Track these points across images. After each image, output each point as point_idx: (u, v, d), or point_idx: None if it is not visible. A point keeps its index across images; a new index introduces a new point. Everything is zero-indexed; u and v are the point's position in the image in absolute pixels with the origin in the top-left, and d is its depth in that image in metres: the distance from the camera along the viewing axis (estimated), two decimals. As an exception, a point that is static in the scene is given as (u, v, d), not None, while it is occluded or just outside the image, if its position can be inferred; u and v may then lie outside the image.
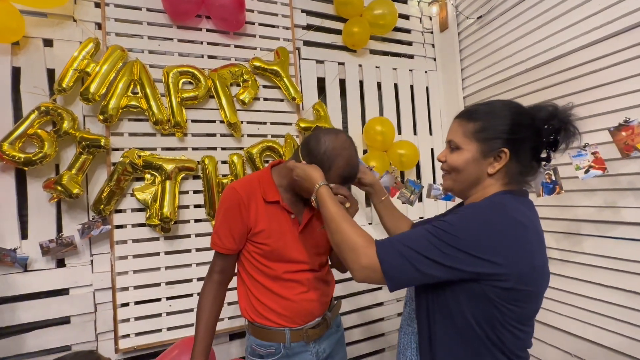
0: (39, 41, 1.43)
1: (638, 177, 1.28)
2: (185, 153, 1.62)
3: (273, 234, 1.00)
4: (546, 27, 1.58)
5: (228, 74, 1.70)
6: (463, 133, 0.77)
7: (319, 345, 1.07)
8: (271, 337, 1.02)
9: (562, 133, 0.74)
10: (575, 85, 1.47)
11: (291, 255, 1.02)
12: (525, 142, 0.74)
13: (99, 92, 1.43)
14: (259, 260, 1.02)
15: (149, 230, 1.55)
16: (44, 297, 1.40)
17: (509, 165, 0.74)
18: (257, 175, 1.06)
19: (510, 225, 0.67)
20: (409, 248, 0.68)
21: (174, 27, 1.66)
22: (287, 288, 1.02)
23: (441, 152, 0.83)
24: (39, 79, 1.42)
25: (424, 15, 2.27)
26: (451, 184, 0.81)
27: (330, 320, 1.10)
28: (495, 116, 0.75)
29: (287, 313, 1.02)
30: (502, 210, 0.69)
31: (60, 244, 1.39)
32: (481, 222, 0.67)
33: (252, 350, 1.06)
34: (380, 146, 1.94)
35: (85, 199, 1.47)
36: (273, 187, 1.02)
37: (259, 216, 1.00)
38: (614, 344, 1.34)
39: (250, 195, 1.00)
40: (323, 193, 0.83)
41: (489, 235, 0.66)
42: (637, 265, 1.28)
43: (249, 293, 1.05)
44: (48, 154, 1.34)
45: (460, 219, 0.68)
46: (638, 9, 1.24)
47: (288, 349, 1.03)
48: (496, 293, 0.66)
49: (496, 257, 0.65)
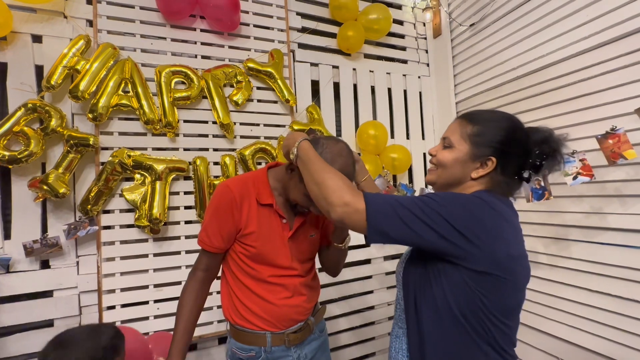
0: (27, 37, 1.40)
1: (624, 184, 1.31)
2: (176, 153, 1.60)
3: (262, 237, 0.99)
4: (536, 36, 1.61)
5: (222, 75, 1.68)
6: (460, 133, 0.78)
7: (301, 350, 1.06)
8: (252, 341, 1.01)
9: (549, 159, 0.76)
10: (564, 93, 1.50)
11: (278, 259, 1.01)
12: (514, 158, 0.76)
13: (89, 90, 1.41)
14: (245, 261, 1.00)
15: (137, 231, 1.52)
16: (27, 300, 1.36)
17: (492, 174, 0.76)
18: (252, 176, 1.04)
19: (487, 212, 0.70)
20: (398, 202, 0.69)
21: (167, 26, 1.64)
22: (270, 292, 1.01)
23: (434, 147, 0.85)
24: (27, 76, 1.39)
25: (417, 21, 2.29)
26: (434, 178, 0.83)
27: (313, 325, 1.09)
28: (494, 125, 0.76)
29: (269, 317, 1.00)
30: (480, 201, 0.71)
31: (45, 244, 1.36)
32: (463, 203, 0.70)
33: (232, 353, 1.04)
34: (373, 150, 1.95)
35: (72, 198, 1.44)
36: (268, 189, 1.01)
37: (250, 218, 0.98)
38: (599, 347, 1.36)
39: (243, 195, 0.98)
40: (304, 146, 0.82)
41: (469, 217, 0.68)
42: (622, 270, 1.30)
43: (232, 294, 1.03)
44: (34, 152, 1.31)
45: (444, 196, 0.72)
46: (625, 20, 1.28)
47: (269, 352, 1.01)
48: (472, 277, 0.68)
49: (472, 236, 0.67)
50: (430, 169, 0.85)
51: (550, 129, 0.78)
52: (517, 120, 0.79)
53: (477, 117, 0.79)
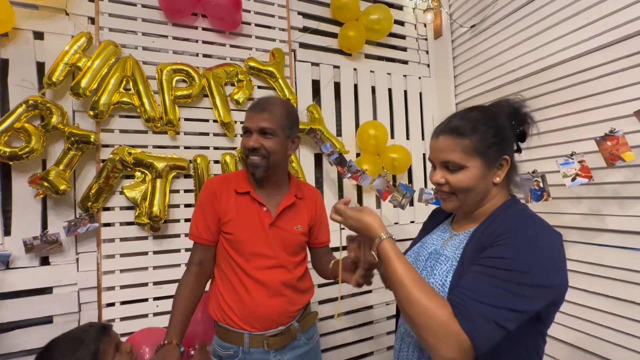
0: (29, 33, 1.40)
1: (622, 186, 1.32)
2: (177, 151, 1.60)
3: (240, 224, 1.02)
4: (537, 37, 1.62)
5: (223, 73, 1.69)
6: (461, 151, 0.72)
7: (282, 355, 1.04)
8: (231, 339, 1.02)
9: (525, 125, 0.79)
10: (563, 95, 1.51)
11: (258, 248, 1.02)
12: (511, 141, 0.77)
13: (90, 88, 1.41)
14: (229, 252, 1.03)
15: (137, 229, 1.52)
16: (26, 296, 1.36)
17: (509, 169, 0.76)
18: (235, 172, 1.15)
19: (554, 236, 0.66)
20: (489, 306, 0.59)
21: (169, 25, 1.64)
22: (250, 289, 1.01)
23: (435, 174, 0.76)
24: (28, 72, 1.39)
25: (418, 22, 2.30)
26: (458, 204, 0.76)
27: (296, 331, 1.06)
28: (482, 124, 0.73)
29: (246, 316, 1.00)
30: (539, 222, 0.68)
31: (45, 241, 1.36)
32: (538, 246, 0.63)
33: (214, 349, 1.07)
34: (373, 150, 1.96)
35: (73, 195, 1.44)
36: (246, 180, 1.08)
37: (228, 206, 1.04)
38: (596, 348, 1.37)
39: (222, 187, 1.06)
40: (387, 249, 0.69)
41: (549, 257, 0.63)
42: (619, 271, 1.31)
43: (217, 291, 1.06)
44: (35, 148, 1.31)
45: (516, 250, 0.62)
46: (625, 22, 1.29)
47: (247, 353, 1.01)
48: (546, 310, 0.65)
49: (560, 278, 0.64)
50: (446, 198, 0.77)
51: (505, 99, 0.80)
52: (483, 108, 0.78)
53: (463, 127, 0.73)
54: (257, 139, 1.00)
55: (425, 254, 0.82)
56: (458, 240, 0.77)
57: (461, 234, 0.78)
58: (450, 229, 0.84)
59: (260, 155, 1.00)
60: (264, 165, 1.01)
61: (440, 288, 0.70)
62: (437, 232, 0.88)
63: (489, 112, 0.76)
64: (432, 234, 0.89)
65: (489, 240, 0.67)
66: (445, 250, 0.77)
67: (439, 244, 0.83)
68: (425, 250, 0.84)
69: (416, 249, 0.87)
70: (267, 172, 1.02)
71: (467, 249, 0.71)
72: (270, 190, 1.07)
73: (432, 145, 0.78)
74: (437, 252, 0.79)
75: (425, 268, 0.79)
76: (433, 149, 0.77)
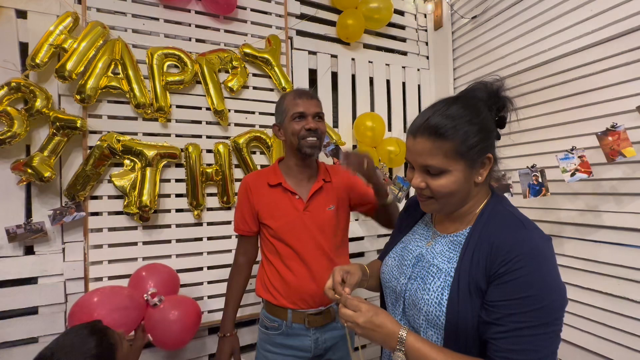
0: (10, 11, 1.33)
1: (620, 183, 1.30)
2: (168, 139, 1.55)
3: (275, 214, 1.13)
4: (539, 30, 1.58)
5: (216, 60, 1.63)
6: (444, 154, 0.65)
7: (320, 334, 1.13)
8: (276, 313, 1.14)
9: (504, 110, 0.73)
10: (565, 89, 1.48)
11: (295, 232, 1.12)
12: (494, 133, 0.71)
13: (77, 70, 1.35)
14: (270, 240, 1.15)
15: (126, 218, 1.48)
16: (10, 286, 1.31)
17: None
18: (267, 168, 1.26)
19: (549, 243, 0.65)
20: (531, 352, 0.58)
21: (160, 7, 1.57)
22: (293, 270, 1.12)
23: (414, 177, 0.71)
24: (10, 53, 1.32)
25: (419, 13, 2.25)
26: (439, 207, 0.71)
27: (334, 313, 1.14)
28: (461, 123, 0.65)
29: (287, 294, 1.11)
30: (531, 228, 0.65)
31: (29, 230, 1.31)
32: (547, 267, 0.61)
33: (261, 320, 1.21)
34: (370, 142, 1.92)
35: (59, 183, 1.39)
36: (277, 172, 1.18)
37: (262, 198, 1.15)
38: (591, 345, 1.37)
39: (256, 181, 1.18)
40: (413, 343, 0.63)
41: (555, 271, 0.62)
42: (616, 268, 1.30)
43: (263, 274, 1.19)
44: (18, 133, 1.25)
45: (534, 280, 0.59)
46: (629, 16, 1.26)
47: (289, 327, 1.12)
48: None
49: (563, 286, 0.62)
50: (425, 201, 0.72)
51: (480, 82, 0.72)
52: (467, 96, 0.71)
53: (444, 128, 0.65)
54: (315, 122, 1.13)
55: (411, 258, 0.78)
56: (445, 244, 0.73)
57: (447, 236, 0.74)
58: (434, 229, 0.80)
59: (317, 137, 1.13)
60: (318, 146, 1.13)
61: (437, 307, 0.66)
62: (419, 230, 0.84)
63: (471, 105, 0.68)
64: (414, 233, 0.85)
65: (494, 265, 0.62)
66: (434, 259, 0.72)
67: (423, 245, 0.78)
68: (410, 253, 0.79)
69: (399, 251, 0.83)
70: (319, 152, 1.16)
71: (463, 259, 0.67)
72: (301, 178, 1.18)
73: (410, 146, 0.70)
74: (423, 257, 0.75)
75: (414, 277, 0.74)
76: (411, 150, 0.70)
